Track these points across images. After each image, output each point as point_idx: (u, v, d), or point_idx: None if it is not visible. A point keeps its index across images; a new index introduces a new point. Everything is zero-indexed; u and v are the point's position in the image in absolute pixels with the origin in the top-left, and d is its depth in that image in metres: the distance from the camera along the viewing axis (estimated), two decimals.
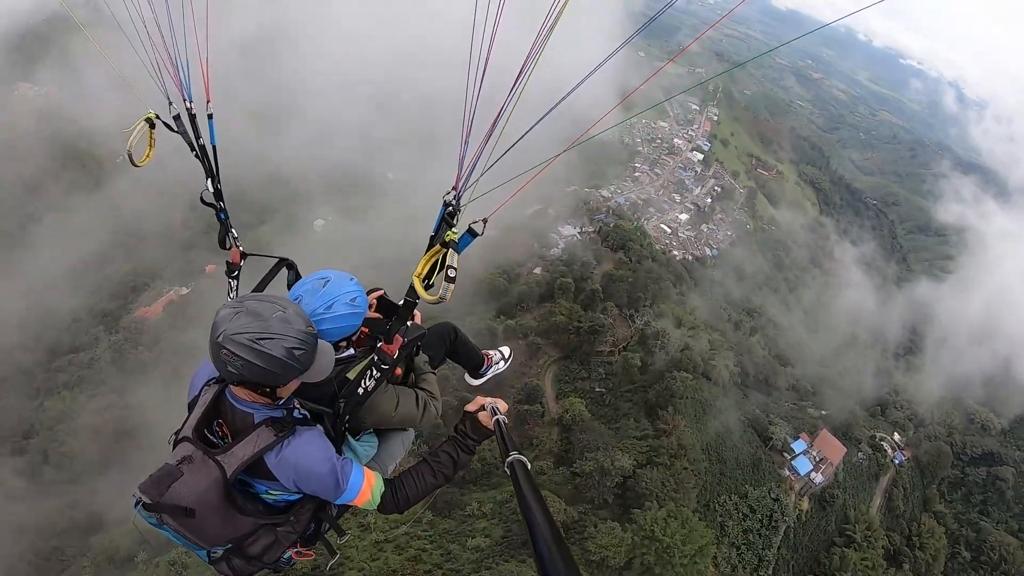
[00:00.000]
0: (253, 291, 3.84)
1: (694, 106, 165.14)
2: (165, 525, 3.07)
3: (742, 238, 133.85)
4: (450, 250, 3.10)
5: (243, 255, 4.48)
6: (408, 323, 3.67)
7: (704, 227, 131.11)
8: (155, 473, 2.95)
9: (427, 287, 3.34)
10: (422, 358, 4.40)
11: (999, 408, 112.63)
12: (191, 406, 3.42)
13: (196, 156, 4.33)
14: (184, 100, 4.30)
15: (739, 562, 65.39)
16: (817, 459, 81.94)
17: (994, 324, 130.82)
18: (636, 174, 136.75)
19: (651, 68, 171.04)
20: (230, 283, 4.39)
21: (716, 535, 62.76)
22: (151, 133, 4.43)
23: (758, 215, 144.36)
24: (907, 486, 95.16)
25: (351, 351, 3.84)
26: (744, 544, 67.12)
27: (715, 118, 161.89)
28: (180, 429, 3.27)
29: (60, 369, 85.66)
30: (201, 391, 3.39)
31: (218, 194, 4.36)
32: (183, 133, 4.29)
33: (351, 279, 3.68)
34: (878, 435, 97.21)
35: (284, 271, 4.25)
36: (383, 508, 3.54)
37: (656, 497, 55.06)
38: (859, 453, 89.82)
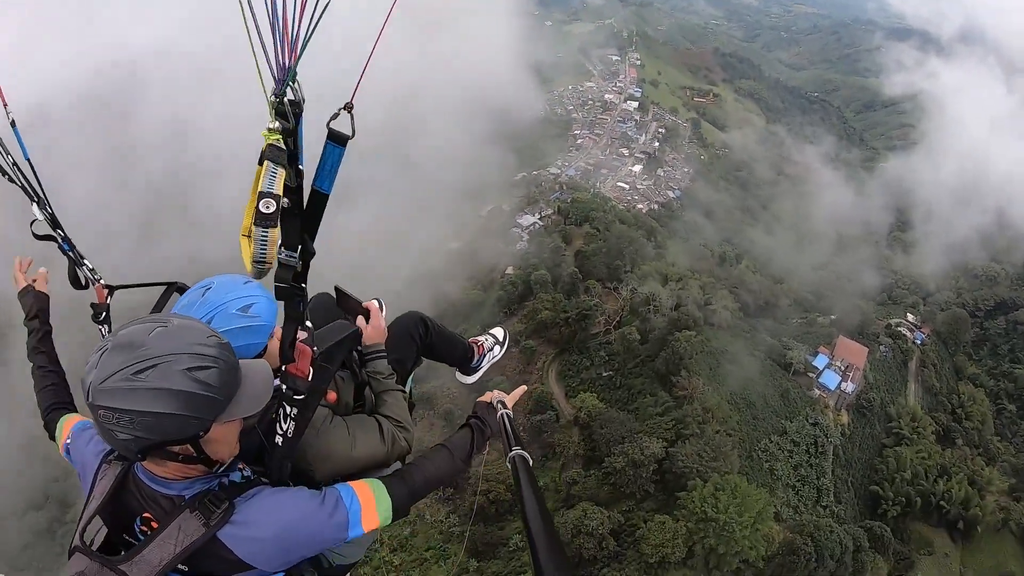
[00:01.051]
0: None
1: (614, 57, 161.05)
2: None
3: (700, 171, 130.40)
4: (265, 163, 1.83)
5: (109, 290, 3.25)
6: (315, 323, 2.49)
7: (660, 172, 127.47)
8: None
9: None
10: (379, 368, 3.19)
11: (1003, 259, 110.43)
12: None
13: (10, 180, 3.14)
14: None
15: (799, 501, 61.90)
16: (843, 368, 78.34)
17: (974, 180, 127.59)
18: (578, 141, 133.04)
19: (559, 35, 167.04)
20: (100, 330, 3.15)
21: (768, 485, 59.22)
22: None
23: (708, 144, 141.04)
24: (935, 362, 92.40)
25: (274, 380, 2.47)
26: (798, 481, 63.64)
27: (638, 63, 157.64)
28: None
29: (75, 518, 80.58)
30: (96, 476, 2.36)
31: (53, 220, 3.14)
32: None
33: (246, 282, 2.58)
34: (893, 322, 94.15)
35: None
36: (398, 513, 2.61)
37: (697, 473, 50.87)
38: (880, 347, 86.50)
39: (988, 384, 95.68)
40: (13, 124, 3.20)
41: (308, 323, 2.29)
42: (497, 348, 4.73)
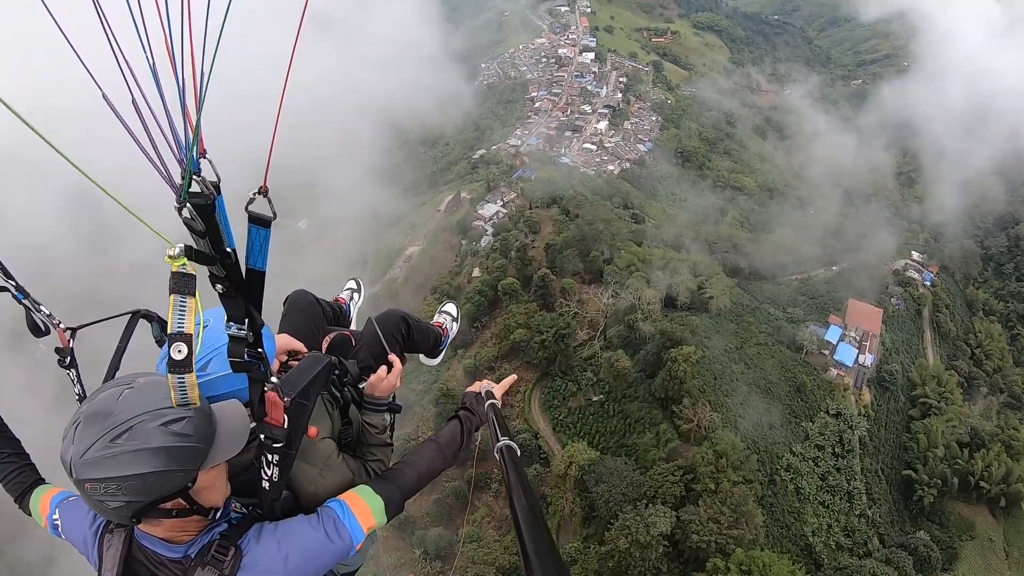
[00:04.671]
0: (109, 369, 2.47)
1: (563, 8, 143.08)
2: None
3: (670, 116, 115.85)
4: (171, 297, 1.69)
5: (72, 332, 2.79)
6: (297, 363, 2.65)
7: (627, 124, 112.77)
8: None
9: None
10: (377, 422, 2.95)
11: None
12: None
13: None
14: None
15: (831, 519, 51.11)
16: (858, 339, 66.75)
17: (982, 103, 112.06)
18: (536, 104, 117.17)
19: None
20: (69, 375, 2.73)
21: (796, 511, 48.51)
22: None
23: (674, 85, 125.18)
24: (948, 303, 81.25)
25: None
26: (828, 491, 52.70)
27: (588, 10, 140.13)
28: None
29: None
30: (101, 549, 2.24)
31: (2, 270, 2.57)
32: None
33: None
34: (899, 266, 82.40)
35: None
36: (392, 510, 2.56)
37: (716, 546, 39.43)
38: (892, 299, 74.97)
39: (998, 309, 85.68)
40: None
41: (273, 379, 2.06)
42: (454, 325, 4.79)
